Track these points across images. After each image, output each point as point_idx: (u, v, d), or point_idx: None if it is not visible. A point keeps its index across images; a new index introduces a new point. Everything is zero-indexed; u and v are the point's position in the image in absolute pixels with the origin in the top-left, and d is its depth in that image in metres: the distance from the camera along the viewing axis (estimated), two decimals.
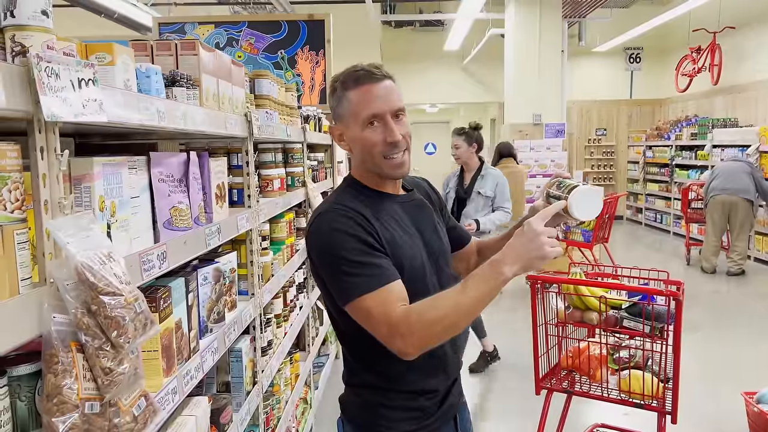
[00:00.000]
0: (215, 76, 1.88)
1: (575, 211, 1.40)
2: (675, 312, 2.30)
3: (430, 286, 1.46)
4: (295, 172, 3.16)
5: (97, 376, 0.92)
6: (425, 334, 1.27)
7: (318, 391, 3.90)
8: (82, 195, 1.15)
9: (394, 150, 1.41)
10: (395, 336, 1.27)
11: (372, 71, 1.41)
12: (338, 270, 1.33)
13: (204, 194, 1.75)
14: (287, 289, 2.98)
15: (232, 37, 4.85)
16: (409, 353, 1.29)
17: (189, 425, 1.54)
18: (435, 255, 1.51)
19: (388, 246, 1.38)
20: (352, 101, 1.41)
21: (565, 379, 2.64)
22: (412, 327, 1.26)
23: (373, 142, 1.40)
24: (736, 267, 7.29)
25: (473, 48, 11.34)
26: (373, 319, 1.30)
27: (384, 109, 1.39)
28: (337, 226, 1.35)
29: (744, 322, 5.54)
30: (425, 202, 1.59)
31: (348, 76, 1.43)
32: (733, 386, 3.98)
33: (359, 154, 1.45)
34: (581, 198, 1.40)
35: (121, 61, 1.26)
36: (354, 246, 1.32)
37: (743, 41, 9.82)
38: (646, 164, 11.75)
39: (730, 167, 7.29)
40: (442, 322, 1.26)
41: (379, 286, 1.30)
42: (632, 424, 3.22)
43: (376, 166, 1.43)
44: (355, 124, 1.42)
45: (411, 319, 1.26)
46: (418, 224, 1.50)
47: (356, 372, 1.49)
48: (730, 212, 7.13)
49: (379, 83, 1.40)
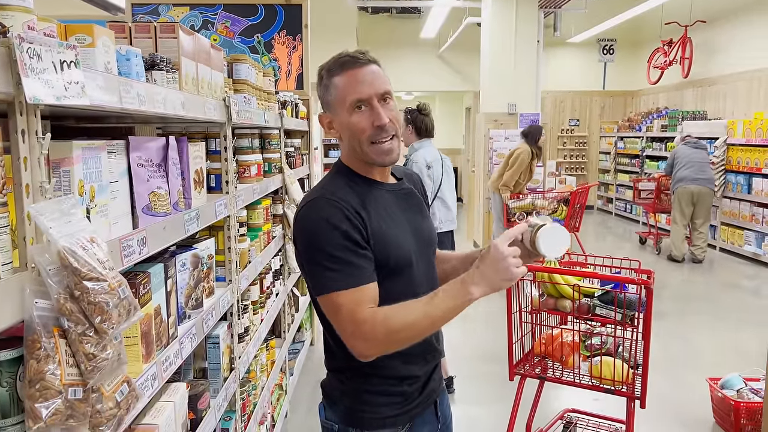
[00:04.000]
0: (194, 60, 1.86)
1: (542, 248, 1.45)
2: (646, 300, 2.36)
3: (416, 275, 1.48)
4: (272, 158, 3.14)
5: (80, 361, 0.92)
6: (387, 340, 1.31)
7: (293, 377, 3.91)
8: (61, 179, 1.14)
9: (382, 134, 1.41)
10: (358, 337, 1.31)
11: (357, 56, 1.42)
12: (317, 262, 1.35)
13: (183, 179, 1.73)
14: (264, 275, 2.97)
15: (208, 19, 4.77)
16: (367, 355, 1.33)
17: (167, 411, 1.54)
18: (423, 244, 1.53)
19: (375, 235, 1.38)
20: (338, 87, 1.41)
21: (538, 365, 2.69)
22: (376, 330, 1.29)
23: (361, 127, 1.40)
24: (702, 253, 7.54)
25: (450, 36, 11.34)
26: (341, 315, 1.32)
27: (370, 93, 1.40)
28: (324, 216, 1.35)
29: (709, 310, 5.70)
30: (414, 192, 1.60)
31: (333, 63, 1.43)
32: (698, 373, 4.10)
33: (348, 141, 1.45)
34: (546, 235, 1.44)
35: (102, 43, 1.23)
36: (337, 240, 1.33)
37: (714, 35, 10.00)
38: (617, 155, 11.94)
39: (695, 156, 7.49)
40: (406, 331, 1.30)
41: (353, 286, 1.32)
42: (602, 409, 3.30)
43: (364, 153, 1.43)
44: (342, 110, 1.42)
45: (376, 322, 1.29)
46: (407, 213, 1.51)
47: (338, 357, 1.50)
48: (697, 201, 7.36)
49: (364, 68, 1.41)
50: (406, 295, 1.42)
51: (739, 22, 9.35)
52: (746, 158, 7.75)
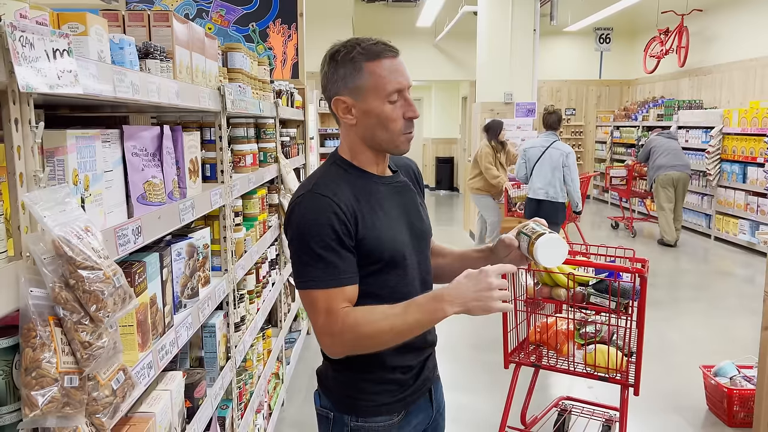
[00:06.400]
0: (188, 49, 1.85)
1: (540, 258, 1.45)
2: (640, 288, 2.38)
3: (410, 269, 1.48)
4: (267, 147, 3.13)
5: (75, 350, 0.92)
6: (354, 344, 1.35)
7: (290, 366, 3.92)
8: (55, 168, 1.13)
9: (411, 126, 1.44)
10: (326, 333, 1.35)
11: (390, 46, 1.42)
12: (302, 256, 1.36)
13: (178, 169, 1.73)
14: (260, 265, 2.97)
15: (202, 8, 4.74)
16: (334, 353, 1.38)
17: (164, 399, 1.55)
18: (417, 238, 1.53)
19: (368, 230, 1.39)
20: (376, 74, 1.38)
21: (533, 354, 2.71)
22: (344, 333, 1.32)
23: (394, 117, 1.40)
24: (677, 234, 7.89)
25: (446, 25, 11.29)
26: (315, 311, 1.36)
27: (405, 85, 1.41)
28: (312, 212, 1.36)
29: (703, 299, 5.74)
30: (409, 184, 1.59)
31: (367, 47, 1.39)
32: (691, 360, 4.14)
33: (371, 128, 1.42)
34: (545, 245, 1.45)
35: (95, 32, 1.23)
36: (323, 238, 1.34)
37: (710, 24, 9.99)
38: (613, 144, 11.95)
39: (671, 145, 7.89)
40: (373, 338, 1.33)
41: (332, 286, 1.34)
42: (596, 396, 3.33)
43: (390, 141, 1.43)
44: (375, 97, 1.39)
45: (347, 323, 1.32)
46: (401, 206, 1.51)
47: None
48: (677, 186, 7.73)
49: (398, 58, 1.41)
50: (399, 288, 1.44)
51: (735, 11, 9.34)
52: (741, 147, 7.77)
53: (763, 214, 7.32)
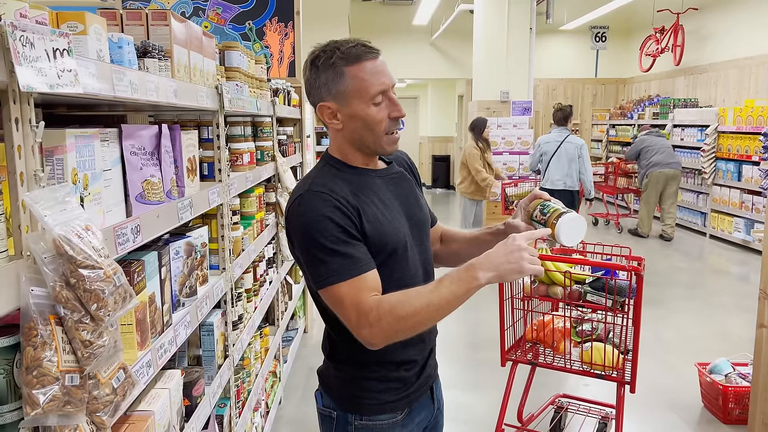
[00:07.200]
0: (186, 48, 1.85)
1: (563, 237, 1.43)
2: (636, 286, 2.39)
3: (411, 259, 1.48)
4: (264, 146, 3.14)
5: (76, 348, 0.92)
6: (393, 328, 1.29)
7: (287, 364, 3.93)
8: (54, 167, 1.13)
9: (396, 125, 1.43)
10: (364, 325, 1.29)
11: (370, 47, 1.40)
12: (314, 256, 1.33)
13: (176, 168, 1.73)
14: (257, 263, 2.98)
15: (199, 6, 4.74)
16: (375, 344, 1.31)
17: (163, 398, 1.55)
18: (416, 227, 1.52)
19: (371, 223, 1.38)
20: (358, 77, 1.37)
21: (529, 351, 2.72)
22: (382, 319, 1.27)
23: (379, 119, 1.39)
24: (672, 231, 8.07)
25: (442, 23, 11.30)
26: (345, 306, 1.31)
27: (388, 85, 1.40)
28: (315, 209, 1.34)
29: (698, 296, 5.76)
30: (405, 174, 1.59)
31: (347, 51, 1.37)
32: (687, 358, 4.16)
33: (357, 131, 1.42)
34: (569, 225, 1.43)
35: (93, 31, 1.23)
36: (331, 232, 1.32)
37: (705, 23, 10.02)
38: (609, 142, 11.98)
39: (662, 143, 8.10)
40: (412, 318, 1.28)
41: (353, 276, 1.31)
42: (592, 394, 3.34)
43: (376, 143, 1.42)
44: (359, 101, 1.38)
45: (382, 310, 1.28)
46: (399, 197, 1.51)
47: (338, 347, 1.50)
48: (668, 183, 7.91)
49: (378, 59, 1.40)
50: (403, 278, 1.43)
51: (730, 9, 9.37)
52: (736, 146, 7.80)
53: (758, 212, 7.36)
